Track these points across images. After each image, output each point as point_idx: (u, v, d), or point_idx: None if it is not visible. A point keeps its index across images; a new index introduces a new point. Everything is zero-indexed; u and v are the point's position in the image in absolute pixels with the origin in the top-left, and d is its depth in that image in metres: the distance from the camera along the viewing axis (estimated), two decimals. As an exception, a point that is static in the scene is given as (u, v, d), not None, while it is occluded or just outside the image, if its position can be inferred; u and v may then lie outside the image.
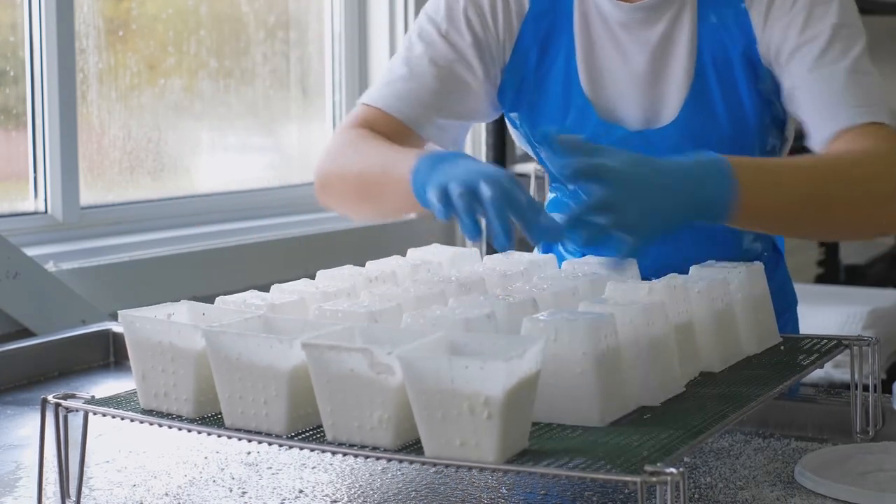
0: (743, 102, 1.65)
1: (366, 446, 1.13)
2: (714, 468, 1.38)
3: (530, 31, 1.69)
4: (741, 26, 1.63)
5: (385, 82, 1.70)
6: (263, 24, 3.16)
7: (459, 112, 1.73)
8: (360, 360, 1.12)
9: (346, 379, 1.13)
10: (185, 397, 1.22)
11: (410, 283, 1.45)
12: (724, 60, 1.64)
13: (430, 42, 1.70)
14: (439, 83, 1.69)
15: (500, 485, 1.32)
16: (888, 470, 1.33)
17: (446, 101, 1.70)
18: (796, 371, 1.38)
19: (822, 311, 3.38)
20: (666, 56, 1.66)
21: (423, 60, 1.69)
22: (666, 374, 1.27)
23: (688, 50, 1.64)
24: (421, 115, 1.69)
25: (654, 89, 1.67)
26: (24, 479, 1.38)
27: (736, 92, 1.64)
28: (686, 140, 1.59)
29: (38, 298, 2.32)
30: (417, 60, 1.70)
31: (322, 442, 1.16)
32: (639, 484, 1.01)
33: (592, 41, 1.68)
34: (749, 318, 1.46)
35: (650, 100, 1.67)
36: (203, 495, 1.31)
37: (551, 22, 1.69)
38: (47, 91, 2.53)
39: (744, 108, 1.65)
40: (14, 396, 1.73)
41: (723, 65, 1.64)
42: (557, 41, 1.68)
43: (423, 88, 1.69)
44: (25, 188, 2.56)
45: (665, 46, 1.65)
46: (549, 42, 1.69)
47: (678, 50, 1.65)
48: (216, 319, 1.25)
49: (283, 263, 2.90)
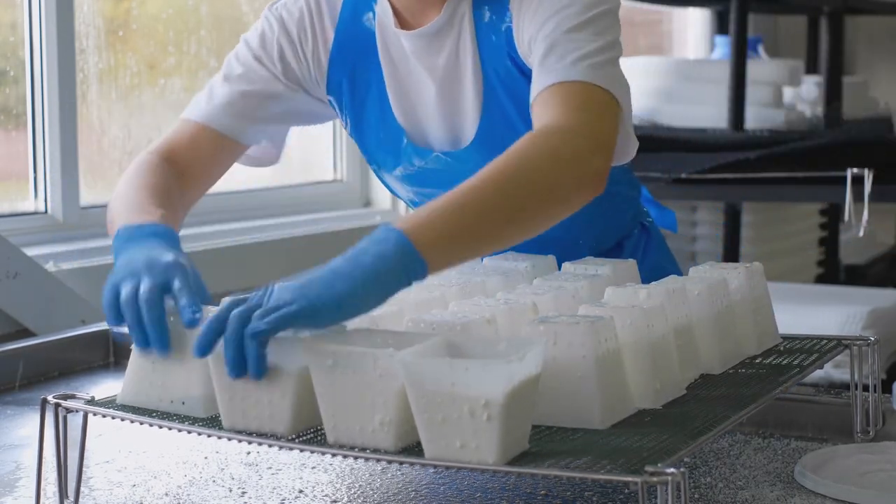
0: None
1: (367, 448, 1.13)
2: (714, 468, 1.38)
3: (338, 64, 1.73)
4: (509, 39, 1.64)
5: (206, 99, 1.74)
6: (263, 24, 3.15)
7: (284, 118, 1.78)
8: (363, 362, 1.12)
9: (348, 381, 1.13)
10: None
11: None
12: (508, 74, 1.64)
13: (246, 63, 1.74)
14: (260, 96, 1.73)
15: (500, 485, 1.32)
16: (888, 470, 1.33)
17: (269, 109, 1.74)
18: (796, 371, 1.38)
19: (822, 311, 3.38)
20: (455, 80, 1.68)
21: (242, 79, 1.74)
22: (666, 377, 1.27)
23: (473, 71, 1.66)
24: (245, 125, 1.74)
25: (451, 112, 1.69)
26: (23, 479, 1.38)
27: (524, 97, 1.63)
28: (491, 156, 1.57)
29: (38, 298, 2.31)
30: (237, 79, 1.74)
31: (322, 443, 1.16)
32: (640, 484, 1.01)
33: (397, 69, 1.71)
34: (748, 319, 1.46)
35: (450, 123, 1.69)
36: (203, 495, 1.31)
37: (357, 53, 1.72)
38: (47, 91, 2.52)
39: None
40: (14, 396, 1.73)
41: (507, 78, 1.65)
42: (366, 71, 1.72)
43: (245, 102, 1.73)
44: (25, 188, 2.56)
45: (453, 70, 1.67)
46: (357, 73, 1.73)
47: (465, 72, 1.67)
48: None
49: (283, 263, 2.90)
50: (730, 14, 3.70)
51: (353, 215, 3.32)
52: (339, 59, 1.73)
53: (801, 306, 3.36)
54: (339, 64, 1.73)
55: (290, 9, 1.74)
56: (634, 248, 1.86)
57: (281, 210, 3.13)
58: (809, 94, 4.30)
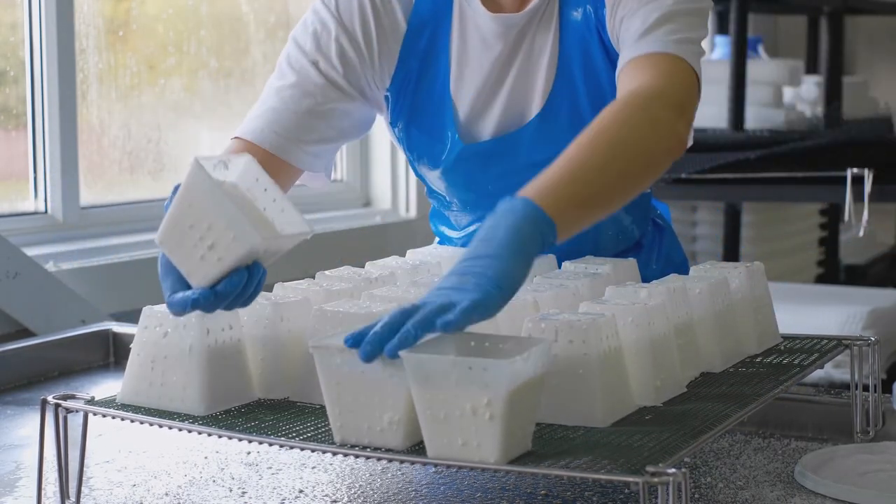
0: (605, 93, 1.65)
1: (377, 448, 1.13)
2: (714, 468, 1.38)
3: (409, 50, 1.68)
4: (599, 18, 1.64)
5: (257, 114, 1.66)
6: (263, 24, 3.16)
7: (330, 137, 1.69)
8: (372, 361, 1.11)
9: (356, 381, 1.13)
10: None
11: (410, 283, 1.44)
12: (586, 55, 1.65)
13: (301, 70, 1.66)
14: (311, 115, 1.65)
15: (500, 485, 1.32)
16: (888, 470, 1.33)
17: (317, 128, 1.66)
18: (797, 371, 1.38)
19: (822, 311, 3.38)
20: (531, 61, 1.67)
21: (296, 91, 1.66)
22: (667, 375, 1.27)
23: (551, 52, 1.66)
24: (294, 147, 1.65)
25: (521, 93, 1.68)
26: (23, 479, 1.38)
27: (599, 84, 1.65)
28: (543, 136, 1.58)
29: (38, 298, 2.31)
30: (290, 91, 1.66)
31: (324, 442, 1.16)
32: (640, 484, 1.01)
33: (467, 48, 1.68)
34: (749, 318, 1.47)
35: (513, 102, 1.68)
36: (203, 495, 1.31)
37: (431, 37, 1.68)
38: (47, 91, 2.52)
39: (605, 97, 1.64)
40: (14, 396, 1.73)
41: (585, 60, 1.65)
42: (437, 56, 1.68)
43: (296, 121, 1.65)
44: (25, 188, 2.56)
45: (530, 51, 1.67)
46: (429, 56, 1.68)
47: (543, 52, 1.66)
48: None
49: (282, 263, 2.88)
50: (730, 14, 3.70)
51: (353, 215, 3.32)
52: (412, 46, 1.67)
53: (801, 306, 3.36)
54: (410, 52, 1.67)
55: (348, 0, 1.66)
56: (651, 245, 1.86)
57: (281, 210, 3.13)
58: (809, 94, 4.30)
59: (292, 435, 1.17)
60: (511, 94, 1.68)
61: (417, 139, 1.71)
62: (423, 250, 1.64)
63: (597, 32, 1.65)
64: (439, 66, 1.69)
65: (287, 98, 1.66)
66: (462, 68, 1.68)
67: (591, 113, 1.61)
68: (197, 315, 1.25)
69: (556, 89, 1.66)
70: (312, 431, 1.19)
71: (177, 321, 1.26)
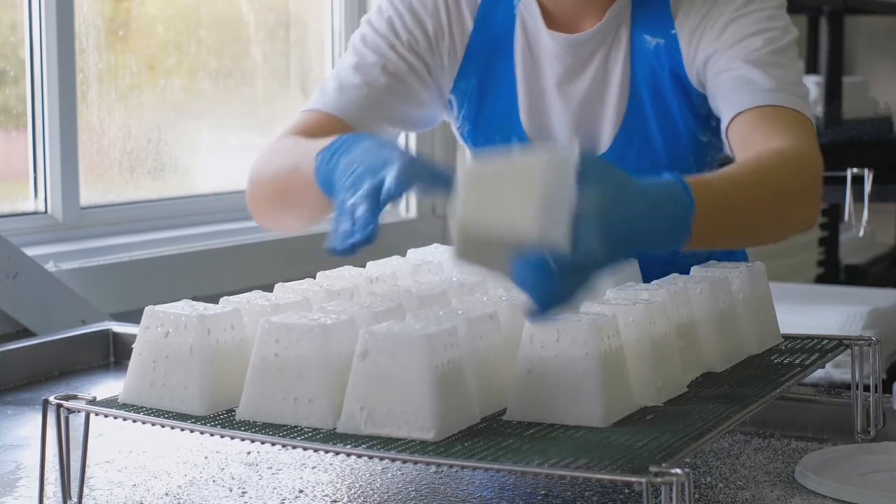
0: (676, 125, 1.66)
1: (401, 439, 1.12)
2: (714, 468, 1.38)
3: (473, 57, 1.68)
4: (670, 51, 1.64)
5: (335, 88, 1.66)
6: (263, 24, 3.16)
7: (406, 121, 1.71)
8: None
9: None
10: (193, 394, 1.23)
11: (412, 283, 1.44)
12: (656, 84, 1.65)
13: (381, 52, 1.67)
14: (391, 92, 1.67)
15: (500, 485, 1.32)
16: (889, 470, 1.33)
17: (397, 109, 1.68)
18: (798, 371, 1.38)
19: (822, 311, 3.38)
20: (601, 87, 1.67)
21: (375, 69, 1.67)
22: (668, 375, 1.27)
23: (621, 79, 1.66)
24: (373, 122, 1.66)
25: (590, 117, 1.68)
26: (24, 479, 1.38)
27: (669, 115, 1.65)
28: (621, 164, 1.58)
29: (38, 298, 2.31)
30: (370, 69, 1.67)
31: (322, 441, 1.15)
32: (644, 484, 1.00)
33: (535, 69, 1.68)
34: (750, 317, 1.46)
35: (585, 128, 1.68)
36: (203, 495, 1.31)
37: (493, 48, 1.68)
38: (47, 91, 2.53)
39: (677, 129, 1.66)
40: (14, 396, 1.73)
41: (655, 89, 1.65)
42: (498, 70, 1.68)
43: (377, 96, 1.66)
44: (25, 188, 2.56)
45: (600, 76, 1.67)
46: (490, 70, 1.68)
47: (612, 79, 1.66)
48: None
49: (282, 263, 2.90)
50: (730, 14, 3.69)
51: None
52: (476, 52, 1.68)
53: (802, 306, 3.36)
54: (474, 58, 1.68)
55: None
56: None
57: (281, 210, 3.13)
58: (809, 93, 4.30)
59: (293, 435, 1.17)
60: (579, 114, 1.67)
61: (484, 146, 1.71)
62: (424, 250, 1.63)
63: (668, 65, 1.64)
64: (503, 79, 1.68)
65: (368, 76, 1.66)
66: (527, 79, 1.67)
67: (662, 141, 1.62)
68: (198, 315, 1.25)
69: (630, 114, 1.65)
70: (312, 431, 1.19)
71: (178, 321, 1.25)
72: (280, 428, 1.19)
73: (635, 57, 1.65)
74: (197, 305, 1.28)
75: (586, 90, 1.67)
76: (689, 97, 1.65)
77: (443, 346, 1.13)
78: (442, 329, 1.14)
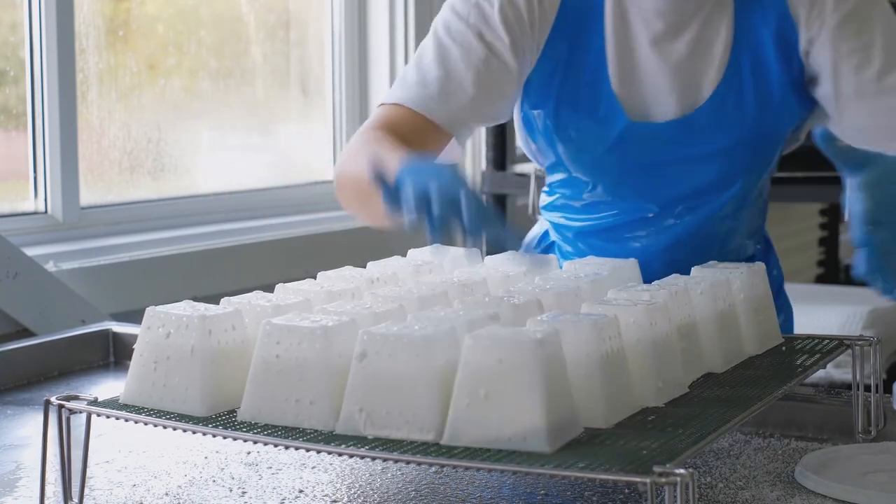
0: (772, 91, 1.65)
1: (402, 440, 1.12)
2: (714, 468, 1.38)
3: (563, 25, 1.66)
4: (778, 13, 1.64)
5: (417, 82, 1.65)
6: (263, 24, 3.16)
7: (489, 114, 1.70)
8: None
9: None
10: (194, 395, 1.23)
11: (413, 283, 1.44)
12: (761, 49, 1.64)
13: (466, 44, 1.65)
14: (477, 88, 1.65)
15: (500, 485, 1.32)
16: (889, 470, 1.33)
17: (482, 104, 1.67)
18: (798, 371, 1.38)
19: (822, 311, 3.38)
20: (704, 43, 1.65)
21: (459, 63, 1.65)
22: (669, 375, 1.27)
23: (725, 40, 1.65)
24: (459, 118, 1.65)
25: (688, 75, 1.66)
26: (24, 479, 1.38)
27: (767, 78, 1.65)
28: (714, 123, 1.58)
29: (38, 298, 2.31)
30: (454, 63, 1.65)
31: (322, 441, 1.15)
32: (648, 484, 1.00)
33: (626, 34, 1.66)
34: (751, 318, 1.47)
35: (682, 88, 1.66)
36: (203, 495, 1.31)
37: (584, 13, 1.66)
38: (47, 91, 2.53)
39: (772, 94, 1.65)
40: (14, 396, 1.73)
41: (759, 53, 1.65)
42: (589, 35, 1.66)
43: (462, 92, 1.65)
44: (25, 188, 2.56)
45: (702, 35, 1.65)
46: (580, 36, 1.65)
47: (716, 40, 1.65)
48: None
49: (283, 263, 2.90)
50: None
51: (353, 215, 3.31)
52: (567, 19, 1.65)
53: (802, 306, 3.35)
54: (564, 25, 1.65)
55: None
56: (760, 258, 1.89)
57: (281, 210, 3.13)
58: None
59: (293, 435, 1.17)
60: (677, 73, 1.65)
61: (570, 120, 1.67)
62: (425, 250, 1.63)
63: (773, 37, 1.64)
64: (592, 42, 1.65)
65: (453, 71, 1.64)
66: (617, 38, 1.65)
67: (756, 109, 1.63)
68: (199, 316, 1.25)
69: (727, 79, 1.64)
70: (312, 432, 1.19)
71: (179, 322, 1.25)
72: (281, 429, 1.19)
73: (740, 22, 1.65)
74: (198, 306, 1.28)
75: (688, 48, 1.65)
76: (791, 64, 1.65)
77: (442, 347, 1.13)
78: (440, 330, 1.14)
